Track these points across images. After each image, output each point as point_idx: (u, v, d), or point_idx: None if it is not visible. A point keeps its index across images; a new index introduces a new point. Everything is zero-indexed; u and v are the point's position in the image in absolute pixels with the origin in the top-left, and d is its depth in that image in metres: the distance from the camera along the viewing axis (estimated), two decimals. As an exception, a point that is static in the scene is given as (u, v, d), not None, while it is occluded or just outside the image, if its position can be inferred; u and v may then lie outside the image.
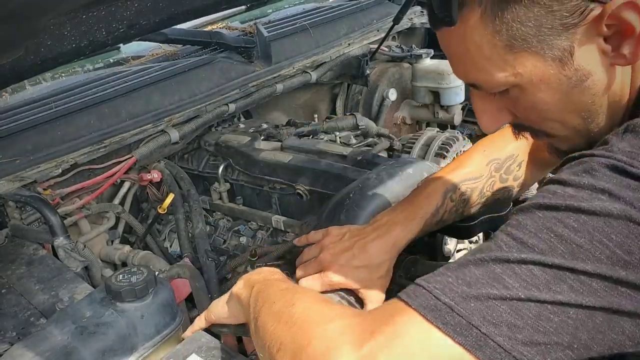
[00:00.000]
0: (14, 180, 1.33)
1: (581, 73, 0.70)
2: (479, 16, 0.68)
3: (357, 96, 2.20)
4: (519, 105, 0.77)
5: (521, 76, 0.72)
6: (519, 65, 0.71)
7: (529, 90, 0.74)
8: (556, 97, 0.73)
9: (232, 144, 1.66)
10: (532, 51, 0.69)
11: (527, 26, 0.67)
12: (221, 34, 1.95)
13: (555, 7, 0.65)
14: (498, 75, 0.73)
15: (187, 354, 0.90)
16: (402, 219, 1.06)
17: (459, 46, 0.73)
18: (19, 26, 0.98)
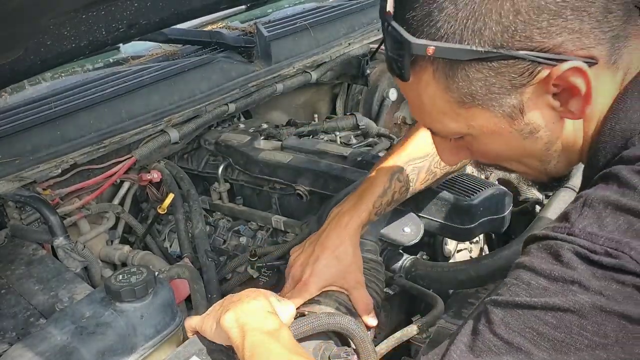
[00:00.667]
0: (13, 180, 1.33)
1: (532, 126, 0.74)
2: (431, 73, 0.72)
3: (357, 96, 2.20)
4: (475, 149, 0.81)
5: (473, 128, 0.76)
6: (470, 119, 0.74)
7: (481, 139, 0.78)
8: (509, 146, 0.77)
9: (232, 143, 1.65)
10: (483, 107, 0.72)
11: (477, 85, 0.70)
12: (221, 34, 1.95)
13: (503, 69, 0.68)
14: (451, 126, 0.77)
15: (188, 355, 0.90)
16: (349, 206, 1.12)
17: (415, 98, 0.77)
18: (19, 26, 0.98)
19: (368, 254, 1.16)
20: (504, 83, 0.69)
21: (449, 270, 1.22)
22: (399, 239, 1.22)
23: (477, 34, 0.66)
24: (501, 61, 0.68)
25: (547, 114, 0.72)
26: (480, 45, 0.67)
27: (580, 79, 0.68)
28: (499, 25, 0.66)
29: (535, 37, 0.66)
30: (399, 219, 1.24)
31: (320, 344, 0.97)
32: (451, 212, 1.24)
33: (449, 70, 0.70)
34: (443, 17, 0.67)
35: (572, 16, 0.66)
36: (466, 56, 0.68)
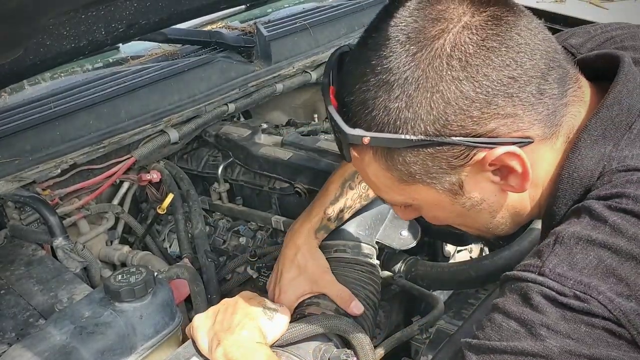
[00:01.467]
0: (13, 181, 1.33)
1: (474, 200, 0.76)
2: (371, 156, 0.75)
3: (357, 96, 2.19)
4: (423, 214, 0.85)
5: (417, 200, 0.79)
6: (413, 193, 0.77)
7: (427, 209, 0.82)
8: (453, 216, 0.81)
9: (233, 136, 1.65)
10: (423, 184, 0.75)
11: (414, 168, 0.73)
12: (221, 34, 1.95)
13: (439, 154, 0.70)
14: (397, 198, 0.81)
15: (188, 356, 0.90)
16: (303, 215, 1.18)
17: (361, 171, 0.81)
18: (19, 26, 0.98)
19: (364, 257, 1.16)
20: (442, 165, 0.71)
21: (449, 271, 1.22)
22: (396, 243, 1.22)
23: (410, 124, 0.68)
24: (436, 147, 0.70)
25: (488, 188, 0.75)
26: (413, 134, 0.69)
27: (515, 161, 0.69)
28: (430, 115, 0.68)
29: (468, 124, 0.68)
30: (396, 223, 1.24)
31: (320, 346, 0.97)
32: None
33: (387, 154, 0.73)
34: (377, 107, 0.69)
35: (503, 102, 0.67)
36: (400, 144, 0.70)
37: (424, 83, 0.67)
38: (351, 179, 1.16)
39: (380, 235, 1.22)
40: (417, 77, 0.67)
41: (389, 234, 1.23)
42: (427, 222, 1.25)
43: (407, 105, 0.68)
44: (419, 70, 0.67)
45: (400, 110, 0.68)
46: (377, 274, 1.16)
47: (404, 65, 0.68)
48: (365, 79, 0.70)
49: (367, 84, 0.70)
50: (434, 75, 0.67)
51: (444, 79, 0.67)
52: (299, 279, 1.09)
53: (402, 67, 0.68)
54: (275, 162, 1.53)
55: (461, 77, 0.67)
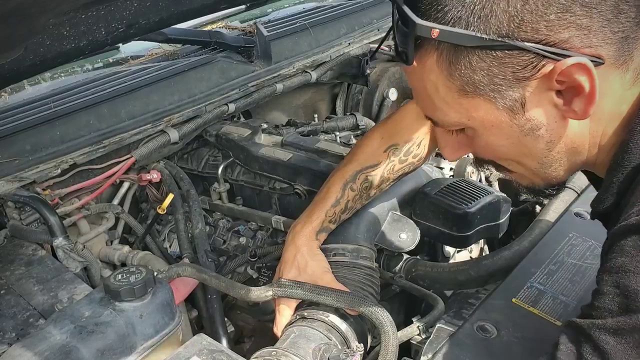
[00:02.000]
0: (13, 181, 1.33)
1: (533, 123, 0.73)
2: (435, 59, 0.71)
3: (357, 96, 2.20)
4: (476, 144, 0.81)
5: (474, 119, 0.75)
6: (471, 109, 0.74)
7: (482, 132, 0.77)
8: (509, 142, 0.77)
9: (233, 136, 1.65)
10: (484, 98, 0.71)
11: (479, 75, 0.69)
12: (221, 34, 1.95)
13: (507, 60, 0.67)
14: (452, 116, 0.76)
15: (189, 356, 0.89)
16: (304, 217, 1.16)
17: (418, 84, 0.77)
18: (19, 26, 0.98)
19: (363, 260, 1.16)
20: (507, 74, 0.68)
21: (449, 271, 1.22)
22: (395, 245, 1.22)
23: (483, 21, 0.66)
24: (505, 51, 0.67)
25: (550, 112, 0.71)
26: (485, 33, 0.66)
27: (585, 77, 0.66)
28: (505, 13, 0.65)
29: (542, 29, 0.65)
30: (396, 225, 1.24)
31: (320, 345, 0.97)
32: (448, 219, 1.24)
33: (453, 56, 0.69)
34: (451, 2, 0.67)
35: (581, 12, 0.65)
36: (470, 42, 0.67)
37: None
38: (352, 180, 1.16)
39: (380, 238, 1.22)
40: None
41: (388, 236, 1.23)
42: (425, 226, 1.27)
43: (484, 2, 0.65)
44: None
45: (475, 5, 0.66)
46: (376, 276, 1.16)
47: None
48: None
49: None
50: None
51: None
52: (299, 279, 1.08)
53: None
54: (275, 163, 1.53)
55: None
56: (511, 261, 1.18)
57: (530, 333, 0.98)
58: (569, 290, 1.07)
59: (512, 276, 1.12)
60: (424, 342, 1.05)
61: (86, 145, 1.46)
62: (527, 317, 1.01)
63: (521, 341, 0.96)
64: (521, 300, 1.05)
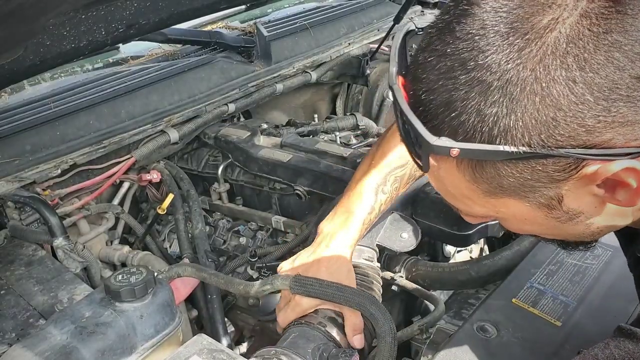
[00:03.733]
0: (13, 181, 1.33)
1: (571, 214, 0.66)
2: (454, 165, 0.63)
3: (357, 96, 2.20)
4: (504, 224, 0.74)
5: (503, 213, 0.68)
6: (500, 206, 0.66)
7: (513, 221, 0.71)
8: (543, 229, 0.71)
9: (232, 138, 1.65)
10: (514, 198, 0.64)
11: (508, 180, 0.61)
12: (221, 34, 1.95)
13: (541, 167, 0.59)
14: (478, 210, 0.69)
15: (189, 355, 0.89)
16: (340, 224, 1.11)
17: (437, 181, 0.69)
18: (19, 26, 0.98)
19: (365, 261, 1.16)
20: (541, 178, 0.60)
21: (450, 271, 1.22)
22: (397, 246, 1.22)
23: (511, 133, 0.57)
24: (539, 159, 0.58)
25: (590, 201, 0.64)
26: (512, 145, 0.57)
27: (632, 177, 0.58)
28: (536, 123, 0.56)
29: (580, 134, 0.56)
30: (397, 225, 1.24)
31: (319, 345, 0.97)
32: (449, 218, 1.24)
33: (476, 165, 0.61)
34: (468, 111, 0.57)
35: (625, 109, 0.56)
36: (497, 157, 0.58)
37: (533, 85, 0.55)
38: (383, 183, 1.13)
39: (381, 238, 1.22)
40: (523, 78, 0.55)
41: (390, 236, 1.23)
42: (426, 225, 1.27)
43: (509, 111, 0.56)
44: (527, 70, 0.55)
45: (499, 117, 0.56)
46: (378, 277, 1.16)
47: (507, 63, 0.56)
48: (451, 75, 0.58)
49: (456, 81, 0.58)
50: (545, 76, 0.55)
51: (557, 81, 0.55)
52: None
53: (503, 65, 0.56)
54: (275, 165, 1.53)
55: (578, 78, 0.55)
56: (511, 261, 1.18)
57: (530, 333, 0.98)
58: (569, 290, 1.07)
59: (512, 276, 1.12)
60: (424, 342, 1.05)
61: (86, 146, 1.46)
62: (527, 317, 1.01)
63: (521, 341, 0.96)
64: (521, 300, 1.05)
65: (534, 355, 0.94)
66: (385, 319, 0.99)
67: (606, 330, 0.97)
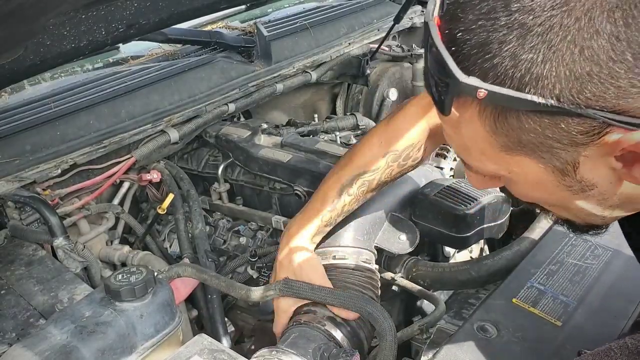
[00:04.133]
0: (13, 181, 1.33)
1: (584, 184, 0.64)
2: (477, 111, 0.61)
3: (357, 96, 2.20)
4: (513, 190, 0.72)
5: (515, 173, 0.67)
6: (513, 165, 0.65)
7: (522, 185, 0.69)
8: (554, 197, 0.68)
9: (232, 137, 1.65)
10: (530, 157, 0.62)
11: (529, 136, 0.59)
12: (221, 34, 1.95)
13: (565, 125, 0.57)
14: (490, 167, 0.68)
15: (190, 355, 0.89)
16: (299, 222, 1.15)
17: (452, 131, 0.67)
18: (19, 26, 0.98)
19: (362, 263, 1.16)
20: (562, 138, 0.58)
21: (450, 271, 1.22)
22: (395, 247, 1.22)
23: (542, 83, 0.55)
24: (565, 117, 0.56)
25: (605, 174, 0.62)
26: (542, 96, 0.55)
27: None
28: (570, 76, 0.54)
29: (610, 96, 0.55)
30: (395, 227, 1.24)
31: (320, 345, 0.97)
32: (448, 221, 1.24)
33: (500, 114, 0.59)
34: (503, 54, 0.55)
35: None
36: (523, 106, 0.56)
37: (575, 35, 0.53)
38: (349, 185, 1.15)
39: (379, 240, 1.22)
40: (566, 26, 0.53)
41: (388, 238, 1.23)
42: (425, 227, 1.27)
43: (545, 58, 0.54)
44: (572, 17, 0.53)
45: (534, 63, 0.54)
46: (376, 279, 1.16)
47: (552, 9, 0.54)
48: (492, 16, 0.56)
49: (495, 22, 0.55)
50: (590, 27, 0.53)
51: (601, 34, 0.53)
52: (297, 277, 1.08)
53: (548, 10, 0.54)
54: (275, 165, 1.53)
55: (622, 35, 0.53)
56: (511, 261, 1.18)
57: (530, 333, 0.98)
58: (569, 290, 1.07)
59: (512, 276, 1.12)
60: (424, 342, 1.05)
61: (86, 145, 1.46)
62: (527, 317, 1.01)
63: (521, 341, 0.96)
64: (521, 300, 1.05)
65: (534, 355, 0.94)
66: (384, 318, 0.99)
67: (606, 330, 0.97)
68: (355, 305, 1.01)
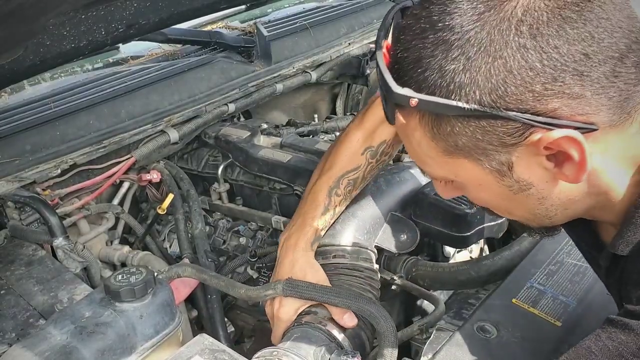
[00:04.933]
0: (13, 181, 1.33)
1: (522, 183, 0.70)
2: (417, 120, 0.69)
3: (357, 96, 2.20)
4: (466, 193, 0.79)
5: (461, 177, 0.73)
6: (457, 168, 0.72)
7: (470, 188, 0.76)
8: (499, 199, 0.75)
9: (232, 138, 1.65)
10: (469, 160, 0.69)
11: (463, 140, 0.67)
12: (221, 34, 1.95)
13: (491, 129, 0.64)
14: (438, 171, 0.75)
15: (190, 355, 0.89)
16: (295, 229, 1.16)
17: (404, 138, 0.76)
18: (19, 26, 0.98)
19: (363, 262, 1.16)
20: (492, 140, 0.66)
21: (450, 271, 1.22)
22: (395, 247, 1.22)
23: (465, 90, 0.63)
24: (489, 120, 0.64)
25: (540, 174, 0.68)
26: (466, 102, 0.63)
27: (573, 148, 0.63)
28: (487, 83, 0.62)
29: (528, 100, 0.62)
30: (395, 226, 1.24)
31: (321, 346, 0.97)
32: (448, 220, 1.24)
33: (435, 121, 0.67)
34: (432, 67, 0.64)
35: (571, 81, 0.61)
36: (451, 112, 0.64)
37: (487, 46, 0.61)
38: (336, 186, 1.16)
39: (380, 239, 1.22)
40: (480, 39, 0.62)
41: (388, 237, 1.23)
42: (425, 227, 1.27)
43: (465, 68, 0.62)
44: (484, 32, 0.62)
45: (456, 73, 0.63)
46: (376, 279, 1.16)
47: (468, 25, 0.62)
48: (423, 36, 0.65)
49: (425, 41, 0.65)
50: (500, 39, 0.61)
51: (510, 45, 0.61)
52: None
53: (465, 26, 0.62)
54: (275, 165, 1.53)
55: (529, 45, 0.60)
56: (511, 261, 1.18)
57: (530, 333, 0.98)
58: (569, 290, 1.07)
59: (512, 276, 1.12)
60: (424, 342, 1.05)
61: (86, 145, 1.46)
62: (527, 317, 1.01)
63: (521, 341, 0.96)
64: (521, 300, 1.05)
65: (534, 355, 0.94)
66: (385, 319, 0.99)
67: (606, 330, 0.97)
68: (357, 306, 1.01)
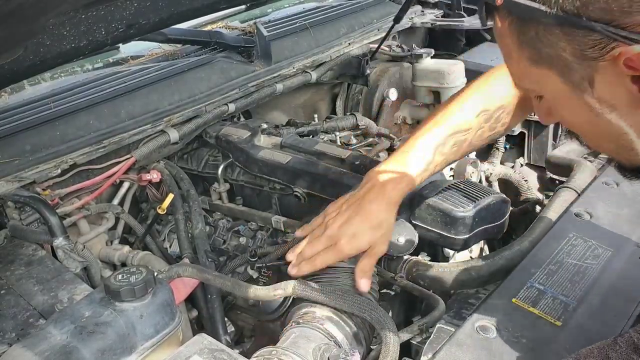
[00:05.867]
0: (13, 181, 1.33)
1: (604, 105, 0.67)
2: (507, 25, 0.69)
3: (357, 96, 2.20)
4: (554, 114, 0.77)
5: (545, 91, 0.73)
6: (542, 80, 0.71)
7: (555, 106, 0.74)
8: (582, 120, 0.72)
9: (232, 138, 1.65)
10: (553, 71, 0.68)
11: (547, 47, 0.66)
12: (221, 34, 1.95)
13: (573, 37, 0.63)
14: (526, 82, 0.75)
15: (190, 355, 0.89)
16: (393, 175, 1.10)
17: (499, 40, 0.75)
18: (19, 26, 0.98)
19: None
20: (575, 51, 0.64)
21: (450, 271, 1.22)
22: (393, 250, 1.22)
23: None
24: (572, 28, 0.62)
25: (623, 97, 0.65)
26: (549, 7, 0.62)
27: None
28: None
29: (613, 10, 0.59)
30: (394, 230, 1.24)
31: (320, 345, 0.97)
32: (446, 223, 1.24)
33: (521, 26, 0.67)
34: None
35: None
36: (534, 15, 0.63)
37: None
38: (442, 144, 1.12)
39: None
40: None
41: None
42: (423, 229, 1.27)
43: None
44: None
45: None
46: (374, 281, 1.16)
47: None
48: None
49: None
50: None
51: None
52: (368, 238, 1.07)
53: None
54: (275, 166, 1.53)
55: None
56: (511, 261, 1.18)
57: (530, 333, 0.98)
58: (569, 290, 1.07)
59: (512, 276, 1.12)
60: (424, 342, 1.05)
61: (86, 145, 1.46)
62: (527, 317, 1.01)
63: (521, 341, 0.96)
64: (521, 300, 1.05)
65: (534, 355, 0.94)
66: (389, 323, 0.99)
67: (606, 330, 0.97)
68: (359, 310, 1.01)
